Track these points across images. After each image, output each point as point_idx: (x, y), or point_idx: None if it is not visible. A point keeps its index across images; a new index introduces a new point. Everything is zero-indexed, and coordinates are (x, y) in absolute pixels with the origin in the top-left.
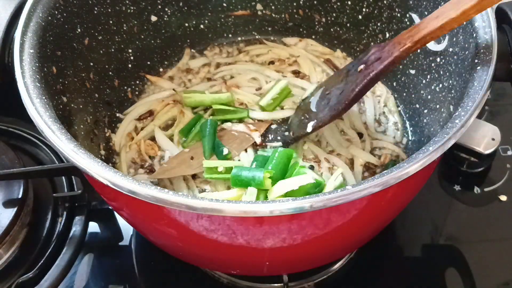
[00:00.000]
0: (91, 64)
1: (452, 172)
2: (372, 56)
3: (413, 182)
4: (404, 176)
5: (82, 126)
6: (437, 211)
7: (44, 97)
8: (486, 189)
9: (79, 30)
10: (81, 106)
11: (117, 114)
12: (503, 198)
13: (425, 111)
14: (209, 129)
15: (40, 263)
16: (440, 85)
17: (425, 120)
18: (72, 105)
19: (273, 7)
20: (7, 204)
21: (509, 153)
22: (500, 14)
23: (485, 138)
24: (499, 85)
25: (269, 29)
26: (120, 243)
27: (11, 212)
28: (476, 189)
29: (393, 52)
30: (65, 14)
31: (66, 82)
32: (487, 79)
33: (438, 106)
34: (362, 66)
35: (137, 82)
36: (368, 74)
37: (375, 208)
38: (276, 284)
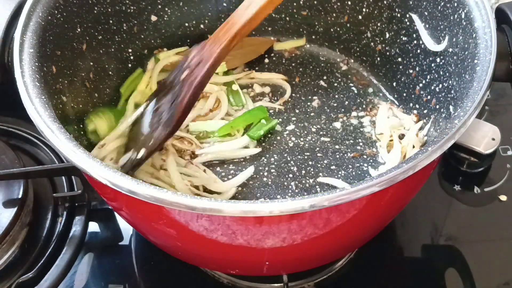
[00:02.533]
0: (91, 64)
1: (452, 172)
2: (194, 59)
3: (412, 182)
4: (404, 176)
5: (81, 126)
6: (437, 211)
7: (43, 97)
8: (486, 189)
9: (79, 30)
10: (80, 106)
11: None
12: (503, 198)
13: (425, 111)
14: None
15: (40, 263)
16: (440, 86)
17: (425, 121)
18: (72, 104)
19: (274, 11)
20: (7, 204)
21: (509, 153)
22: (500, 14)
23: (485, 138)
24: (499, 85)
25: (269, 29)
26: (120, 243)
27: (11, 212)
28: (476, 189)
29: (213, 52)
30: (65, 14)
31: (66, 81)
32: (486, 80)
33: (438, 107)
34: (185, 73)
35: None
36: (193, 82)
37: (374, 208)
38: (276, 284)
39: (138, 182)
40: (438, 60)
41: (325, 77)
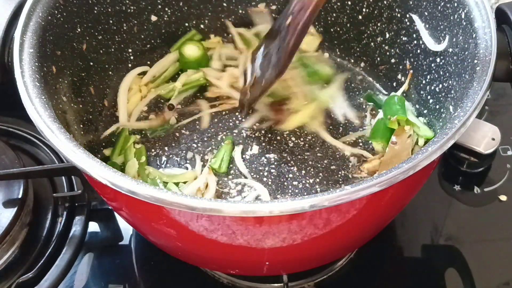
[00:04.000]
0: (91, 64)
1: (452, 172)
2: (296, 6)
3: (412, 182)
4: (404, 176)
5: (81, 126)
6: (437, 211)
7: (43, 97)
8: (486, 189)
9: (79, 29)
10: (81, 106)
11: (117, 114)
12: (503, 198)
13: (425, 111)
14: None
15: (40, 263)
16: (440, 86)
17: (424, 121)
18: (72, 104)
19: (273, 7)
20: (7, 204)
21: (509, 153)
22: (500, 14)
23: (485, 138)
24: (499, 85)
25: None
26: (120, 243)
27: (11, 212)
28: (476, 189)
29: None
30: (65, 14)
31: (66, 81)
32: (486, 80)
33: (437, 107)
34: (289, 19)
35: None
36: (297, 27)
37: (374, 208)
38: (276, 284)
39: (138, 182)
40: (438, 60)
41: None
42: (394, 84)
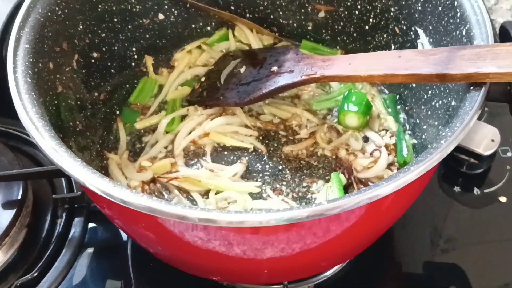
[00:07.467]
0: (93, 61)
1: (452, 174)
2: (288, 62)
3: (410, 190)
4: (402, 185)
5: (78, 123)
6: (437, 213)
7: (33, 93)
8: (486, 191)
9: (81, 27)
10: (78, 103)
11: (117, 112)
12: (503, 199)
13: (424, 127)
14: None
15: (39, 265)
16: (440, 102)
17: (423, 136)
18: (69, 101)
19: (283, 17)
20: (6, 205)
21: (508, 154)
22: (502, 32)
23: (485, 140)
24: None
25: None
26: (119, 245)
27: (10, 214)
28: (476, 191)
29: (304, 73)
30: (66, 11)
31: (64, 78)
32: (478, 100)
33: (436, 123)
34: (275, 68)
35: (139, 80)
36: (278, 82)
37: (373, 216)
38: (275, 286)
39: (132, 191)
40: None
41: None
42: (397, 96)
